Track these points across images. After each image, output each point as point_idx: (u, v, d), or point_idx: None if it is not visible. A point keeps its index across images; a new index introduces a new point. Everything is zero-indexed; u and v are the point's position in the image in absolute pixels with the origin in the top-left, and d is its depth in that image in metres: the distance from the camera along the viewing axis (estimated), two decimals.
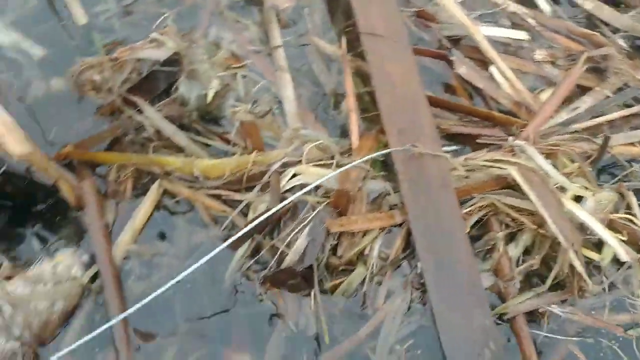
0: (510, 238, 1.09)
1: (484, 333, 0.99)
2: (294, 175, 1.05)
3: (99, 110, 1.11)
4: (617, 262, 1.09)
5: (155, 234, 1.05)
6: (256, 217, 1.00)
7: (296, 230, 1.01)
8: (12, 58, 1.20)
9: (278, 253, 1.00)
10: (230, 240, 0.92)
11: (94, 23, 1.23)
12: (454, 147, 1.18)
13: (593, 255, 1.09)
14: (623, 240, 1.07)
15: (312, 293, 1.00)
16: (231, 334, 1.00)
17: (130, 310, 0.86)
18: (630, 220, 1.09)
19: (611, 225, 1.09)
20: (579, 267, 1.01)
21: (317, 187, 1.05)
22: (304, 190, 0.96)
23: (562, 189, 1.10)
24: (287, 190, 1.04)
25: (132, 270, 1.02)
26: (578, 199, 1.10)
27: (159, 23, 1.20)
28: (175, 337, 0.99)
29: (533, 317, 1.05)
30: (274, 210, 0.96)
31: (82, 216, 1.02)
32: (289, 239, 1.00)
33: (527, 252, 1.08)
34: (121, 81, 1.08)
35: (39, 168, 0.94)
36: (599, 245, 1.10)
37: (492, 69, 1.24)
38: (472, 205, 1.08)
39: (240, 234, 0.93)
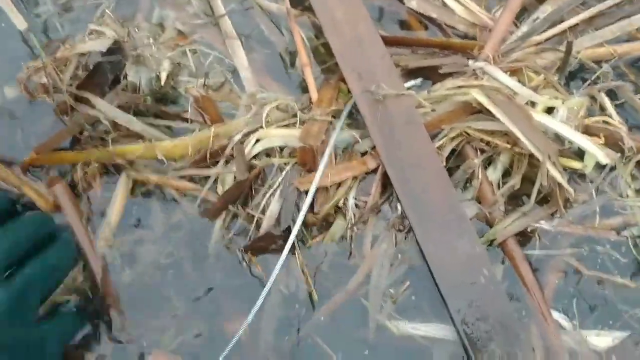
0: (488, 162, 1.07)
1: (475, 261, 0.98)
2: (258, 141, 1.03)
3: (54, 112, 1.09)
4: (601, 167, 1.07)
5: (132, 223, 1.04)
6: (228, 190, 1.00)
7: (268, 195, 1.00)
8: None
9: (255, 220, 1.00)
10: None
11: (35, 26, 1.20)
12: (417, 82, 1.15)
13: (575, 164, 1.06)
14: (602, 144, 1.05)
15: (296, 254, 1.00)
16: (225, 307, 0.99)
17: None
18: (606, 122, 1.07)
19: (588, 131, 1.06)
20: (559, 177, 0.98)
21: (282, 149, 1.04)
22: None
23: (533, 104, 1.07)
24: (253, 157, 1.03)
25: (116, 261, 1.01)
26: (550, 111, 1.08)
27: (99, 14, 1.18)
28: (173, 319, 0.99)
29: (524, 237, 1.04)
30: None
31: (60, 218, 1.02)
32: (262, 205, 1.00)
33: (508, 174, 1.06)
34: (68, 79, 1.05)
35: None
36: (580, 154, 1.07)
37: None
38: (443, 137, 1.06)
39: None
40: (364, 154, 1.06)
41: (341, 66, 1.11)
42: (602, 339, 0.97)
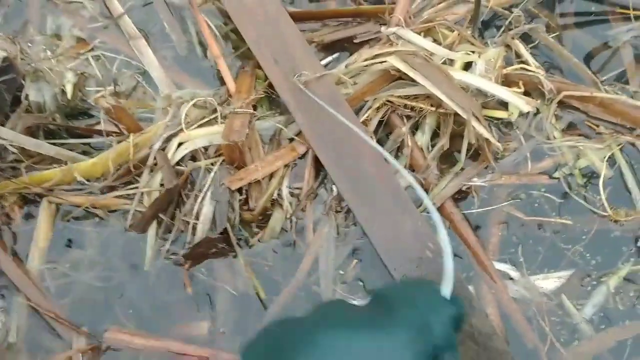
0: (416, 128, 1.06)
1: (419, 235, 0.97)
2: (180, 144, 0.99)
3: None
4: (527, 112, 1.08)
5: (63, 247, 1.00)
6: (156, 200, 0.96)
7: (199, 199, 0.96)
8: None
9: (190, 227, 0.97)
10: None
11: None
12: (334, 57, 1.12)
13: (501, 113, 1.07)
14: (522, 91, 1.05)
15: (238, 254, 0.98)
16: (177, 314, 0.97)
17: None
18: (524, 68, 1.07)
19: (507, 79, 1.07)
20: (485, 133, 0.99)
21: (207, 148, 1.01)
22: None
23: (451, 61, 1.06)
24: (178, 163, 0.99)
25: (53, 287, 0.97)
26: (469, 65, 1.07)
27: None
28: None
29: (462, 196, 1.04)
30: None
31: None
32: (195, 210, 0.96)
33: (437, 135, 1.06)
34: None
35: None
36: (505, 103, 1.07)
37: None
38: (368, 110, 1.05)
39: None
40: (291, 140, 1.04)
41: (255, 52, 1.07)
42: (549, 281, 0.99)
